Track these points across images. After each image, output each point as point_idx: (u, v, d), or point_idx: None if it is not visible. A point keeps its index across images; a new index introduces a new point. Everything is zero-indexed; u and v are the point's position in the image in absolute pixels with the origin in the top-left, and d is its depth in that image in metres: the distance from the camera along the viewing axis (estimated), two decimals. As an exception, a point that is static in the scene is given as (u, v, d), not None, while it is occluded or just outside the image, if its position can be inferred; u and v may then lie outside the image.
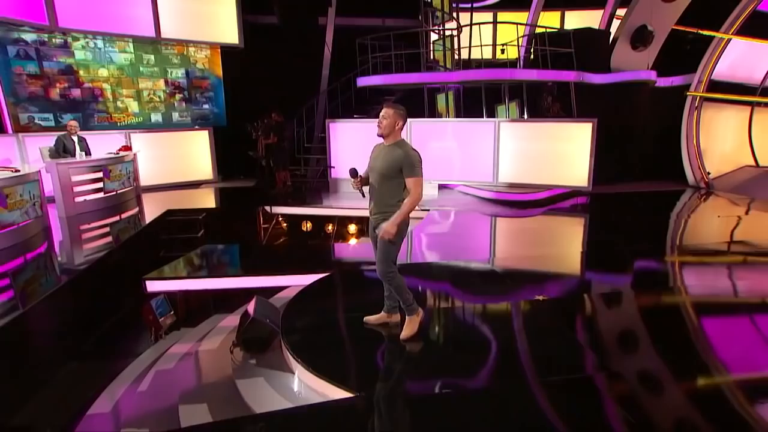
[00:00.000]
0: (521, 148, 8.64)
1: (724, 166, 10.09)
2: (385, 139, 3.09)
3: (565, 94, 9.52)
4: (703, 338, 3.38)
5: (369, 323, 3.44)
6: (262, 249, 7.47)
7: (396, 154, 3.00)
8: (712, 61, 9.94)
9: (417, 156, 3.03)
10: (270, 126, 9.21)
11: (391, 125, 3.03)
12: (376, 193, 3.12)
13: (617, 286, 4.54)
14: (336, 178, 9.74)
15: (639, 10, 9.95)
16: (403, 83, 10.18)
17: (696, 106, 10.14)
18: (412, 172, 2.99)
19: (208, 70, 11.00)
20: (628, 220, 7.51)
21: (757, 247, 5.65)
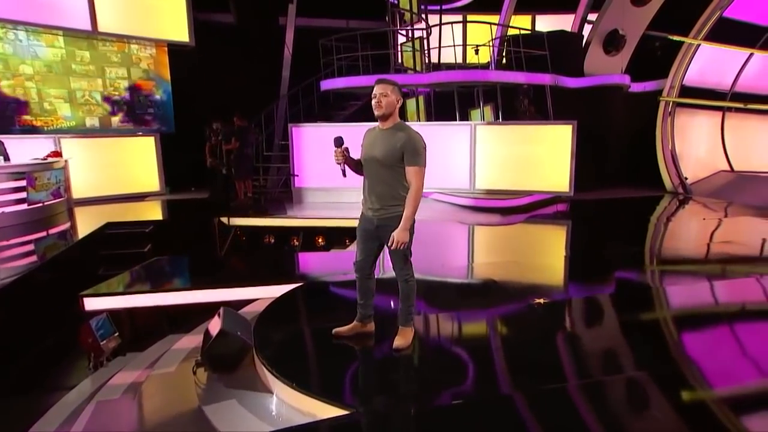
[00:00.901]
0: (499, 152, 8.77)
1: (700, 171, 10.63)
2: (384, 121, 2.94)
3: (541, 97, 9.80)
4: (694, 347, 3.39)
5: (341, 335, 3.29)
6: (222, 262, 7.13)
7: (397, 138, 2.85)
8: (683, 66, 10.54)
9: (422, 141, 2.88)
10: (232, 130, 8.92)
11: (392, 103, 2.89)
12: (376, 185, 2.95)
13: (612, 297, 4.55)
14: (300, 188, 9.53)
15: (610, 14, 10.48)
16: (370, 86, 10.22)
17: (669, 112, 10.68)
18: (414, 160, 2.82)
19: (154, 71, 10.61)
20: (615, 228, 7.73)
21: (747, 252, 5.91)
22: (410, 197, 2.84)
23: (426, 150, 2.90)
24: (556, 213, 8.96)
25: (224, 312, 3.56)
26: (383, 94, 2.88)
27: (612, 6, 10.37)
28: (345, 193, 9.27)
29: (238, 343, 3.30)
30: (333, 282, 4.86)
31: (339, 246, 7.84)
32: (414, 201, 2.84)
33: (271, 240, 8.62)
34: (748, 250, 5.96)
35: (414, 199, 2.84)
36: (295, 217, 8.31)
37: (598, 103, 10.45)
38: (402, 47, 11.35)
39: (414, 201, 2.84)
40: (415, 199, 2.84)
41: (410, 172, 2.84)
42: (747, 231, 7.08)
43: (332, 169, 3.09)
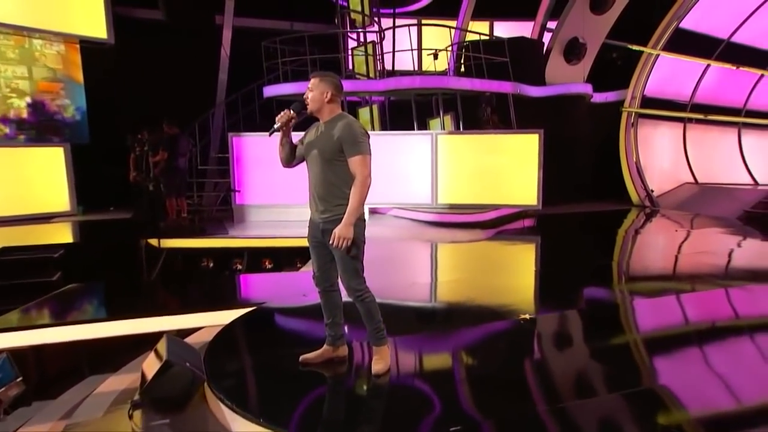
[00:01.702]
0: (463, 163, 8.94)
1: (666, 184, 11.32)
2: (319, 115, 2.97)
3: (503, 106, 10.14)
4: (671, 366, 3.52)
5: (309, 362, 3.18)
6: (152, 289, 6.75)
7: (334, 129, 2.87)
8: (643, 77, 11.28)
9: (360, 128, 2.89)
10: (159, 139, 8.49)
11: (317, 98, 2.91)
12: (319, 185, 2.92)
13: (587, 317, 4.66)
14: (242, 205, 9.27)
15: (570, 22, 11.11)
16: (320, 93, 10.24)
17: (632, 123, 11.36)
18: (354, 148, 2.81)
19: (63, 72, 10.04)
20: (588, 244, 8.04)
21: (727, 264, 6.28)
22: (355, 188, 2.82)
23: (369, 138, 2.89)
24: (523, 228, 9.23)
25: (168, 341, 3.31)
26: (309, 88, 2.93)
27: (572, 13, 11.00)
28: (293, 210, 9.03)
29: (187, 375, 3.07)
30: (293, 305, 4.71)
31: (289, 268, 7.64)
32: (359, 192, 2.80)
33: (210, 264, 8.28)
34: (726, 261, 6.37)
35: (359, 191, 2.80)
36: (238, 237, 8.05)
37: (561, 112, 10.94)
38: (353, 52, 11.45)
39: (359, 192, 2.80)
40: (361, 190, 2.80)
41: (353, 164, 2.82)
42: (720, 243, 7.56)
43: (279, 184, 3.00)
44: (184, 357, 3.20)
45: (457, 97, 9.80)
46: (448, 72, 11.07)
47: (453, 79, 9.74)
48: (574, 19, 11.01)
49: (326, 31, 11.79)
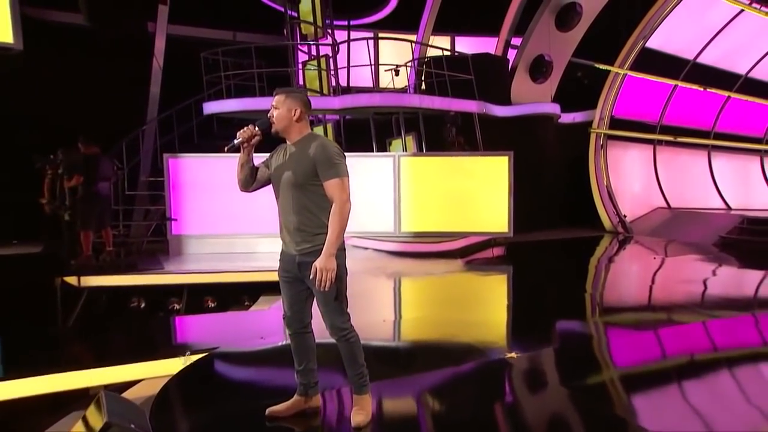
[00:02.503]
0: (428, 188, 9.01)
1: (638, 209, 11.86)
2: (286, 136, 2.95)
3: (469, 127, 10.37)
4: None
5: (277, 415, 3.08)
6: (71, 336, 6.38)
7: (306, 151, 2.86)
8: (611, 97, 11.88)
9: (335, 148, 2.89)
10: (74, 160, 7.96)
11: (284, 116, 2.91)
12: (292, 212, 2.89)
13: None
14: (179, 236, 8.97)
15: (536, 39, 11.59)
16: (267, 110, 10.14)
17: (601, 145, 11.88)
18: (331, 171, 2.81)
19: (-50, 79, 9.43)
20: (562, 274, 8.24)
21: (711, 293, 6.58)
22: (333, 215, 2.81)
23: (345, 158, 2.88)
24: (493, 258, 9.37)
25: (106, 398, 3.08)
26: (274, 106, 2.92)
27: (537, 30, 11.49)
28: (238, 241, 8.90)
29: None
30: (250, 349, 4.55)
31: (237, 307, 7.41)
32: (339, 219, 2.79)
33: (142, 304, 7.91)
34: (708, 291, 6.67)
35: (339, 217, 2.79)
36: (175, 273, 7.76)
37: (528, 134, 11.30)
38: (304, 66, 11.47)
39: (339, 219, 2.79)
40: (341, 216, 2.79)
41: (330, 187, 2.81)
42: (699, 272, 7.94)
43: (222, 212, 2.92)
44: (127, 416, 2.98)
45: (419, 117, 9.94)
46: (408, 89, 11.23)
47: (416, 97, 9.87)
48: (540, 36, 11.50)
49: (275, 43, 11.78)
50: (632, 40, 11.57)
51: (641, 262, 9.03)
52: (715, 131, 12.35)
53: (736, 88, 11.96)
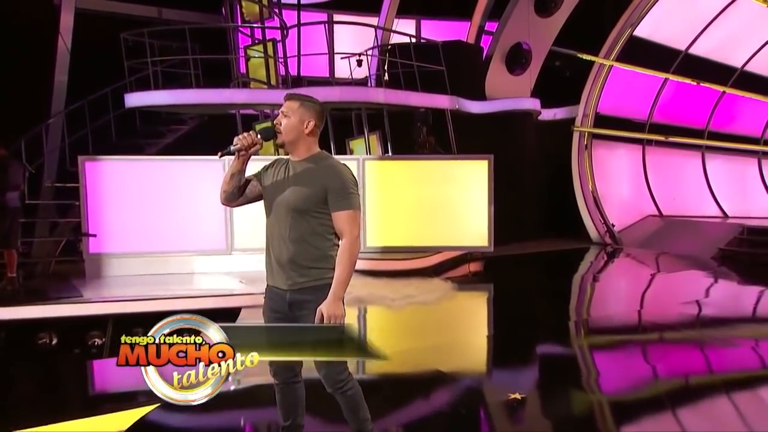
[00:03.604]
0: (397, 196, 8.96)
1: (626, 216, 12.18)
2: (292, 150, 2.90)
3: (440, 125, 10.41)
4: None
5: None
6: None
7: (315, 173, 2.83)
8: (596, 91, 12.17)
9: (350, 174, 2.88)
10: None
11: (295, 126, 2.85)
12: (287, 241, 2.84)
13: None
14: (98, 255, 8.60)
15: (513, 25, 11.77)
16: (204, 104, 9.89)
17: (585, 145, 12.15)
18: (343, 201, 2.81)
19: None
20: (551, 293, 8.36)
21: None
22: (343, 252, 2.80)
23: (357, 186, 2.89)
24: (471, 275, 9.44)
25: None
26: (284, 113, 2.87)
27: (514, 15, 11.66)
28: (172, 260, 8.63)
29: None
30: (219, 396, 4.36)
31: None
32: (349, 258, 2.80)
33: (52, 340, 7.56)
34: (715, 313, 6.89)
35: (349, 255, 2.80)
36: (96, 301, 7.40)
37: (506, 132, 11.42)
38: (247, 51, 11.25)
39: (349, 258, 2.80)
40: (351, 255, 2.80)
41: (339, 220, 2.81)
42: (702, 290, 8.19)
43: (153, 225, 2.78)
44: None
45: (384, 113, 9.90)
46: (369, 81, 11.17)
47: (381, 91, 9.82)
48: (517, 22, 11.68)
49: (212, 24, 11.53)
50: (619, 27, 11.92)
51: (634, 279, 9.25)
52: (709, 130, 12.82)
53: (732, 82, 12.44)
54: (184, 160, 8.83)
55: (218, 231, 8.62)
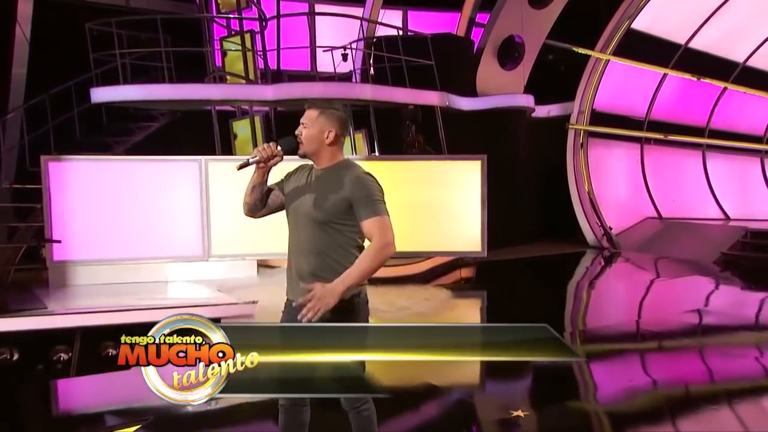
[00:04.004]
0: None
1: (624, 219, 12.29)
2: (315, 160, 2.96)
3: (430, 123, 10.41)
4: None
5: None
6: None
7: (339, 183, 2.85)
8: (591, 87, 12.25)
9: (375, 182, 2.90)
10: None
11: (315, 137, 2.90)
12: (308, 255, 2.89)
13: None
14: (62, 263, 8.50)
15: (505, 17, 11.81)
16: (177, 100, 9.79)
17: (581, 143, 12.23)
18: (370, 209, 2.79)
19: None
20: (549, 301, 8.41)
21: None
22: (369, 251, 2.76)
23: (383, 193, 2.87)
24: (463, 282, 9.47)
25: None
26: (304, 124, 2.92)
27: (507, 6, 11.70)
28: (143, 268, 8.54)
29: None
30: (200, 412, 4.41)
31: None
32: (373, 259, 2.74)
33: (13, 356, 7.46)
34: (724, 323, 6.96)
35: (374, 257, 2.74)
36: (62, 313, 7.31)
37: (498, 131, 11.46)
38: (222, 43, 11.18)
39: (373, 259, 2.74)
40: (376, 256, 2.74)
41: (370, 227, 2.78)
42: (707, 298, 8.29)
43: (122, 230, 2.75)
44: None
45: (370, 111, 9.89)
46: (353, 75, 11.15)
47: (368, 88, 9.80)
48: (510, 13, 11.73)
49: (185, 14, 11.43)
50: (616, 19, 12.00)
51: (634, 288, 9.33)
52: (710, 128, 12.97)
53: (734, 78, 12.59)
54: (156, 160, 8.74)
55: (194, 236, 8.53)
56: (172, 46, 10.15)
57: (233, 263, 9.01)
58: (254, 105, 10.43)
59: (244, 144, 10.84)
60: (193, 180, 8.52)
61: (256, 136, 10.62)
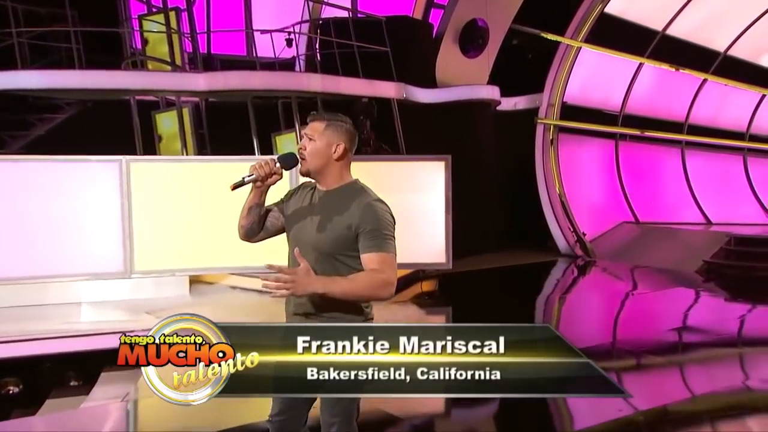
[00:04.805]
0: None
1: (598, 223, 12.56)
2: (319, 179, 2.95)
3: (385, 118, 10.43)
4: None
5: None
6: None
7: (346, 209, 2.86)
8: (562, 77, 12.48)
9: (387, 212, 2.86)
10: None
11: (321, 152, 2.89)
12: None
13: None
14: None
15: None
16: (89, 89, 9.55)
17: (551, 139, 12.45)
18: (376, 242, 2.78)
19: None
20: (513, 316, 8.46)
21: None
22: (368, 278, 2.73)
23: (395, 225, 2.86)
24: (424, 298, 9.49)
25: None
26: (309, 136, 2.90)
27: (469, -14, 11.81)
28: (52, 288, 8.29)
29: None
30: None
31: (60, 392, 6.97)
32: (366, 287, 2.74)
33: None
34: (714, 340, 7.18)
35: (369, 285, 2.73)
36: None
37: (460, 126, 11.56)
38: (141, 22, 10.91)
39: (366, 287, 2.74)
40: (371, 287, 2.74)
41: (371, 261, 2.76)
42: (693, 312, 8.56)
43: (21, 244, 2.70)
44: None
45: (318, 103, 9.84)
46: (296, 62, 11.04)
47: (317, 78, 9.74)
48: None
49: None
50: (588, 3, 12.27)
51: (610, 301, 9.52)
52: (689, 124, 13.38)
53: (714, 68, 13.04)
54: (68, 161, 8.41)
55: (114, 248, 8.23)
56: (81, 24, 9.87)
57: (162, 280, 8.80)
58: (182, 95, 10.23)
59: (170, 140, 10.62)
60: (112, 184, 8.27)
61: (184, 131, 10.41)
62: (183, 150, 10.39)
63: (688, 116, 13.39)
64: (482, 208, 12.00)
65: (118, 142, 9.38)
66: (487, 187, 12.28)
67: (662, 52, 12.76)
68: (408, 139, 10.50)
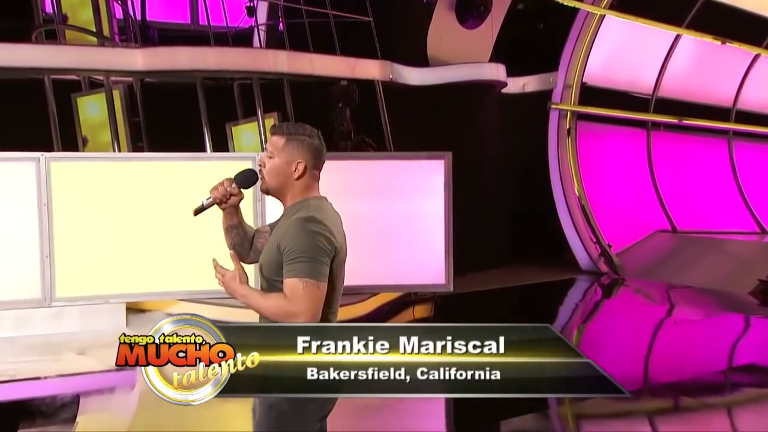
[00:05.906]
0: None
1: (626, 234, 12.48)
2: (280, 199, 3.20)
3: (369, 105, 10.38)
4: None
5: None
6: None
7: (281, 228, 3.12)
8: (581, 52, 12.40)
9: (316, 234, 3.00)
10: None
11: (280, 170, 3.12)
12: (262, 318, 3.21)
13: None
14: None
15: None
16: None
17: (568, 129, 12.38)
18: (292, 266, 2.97)
19: None
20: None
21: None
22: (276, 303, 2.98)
23: (331, 254, 3.01)
24: (416, 326, 9.43)
25: None
26: (269, 153, 3.15)
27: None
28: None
29: None
30: None
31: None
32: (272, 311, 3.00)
33: None
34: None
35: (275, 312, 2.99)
36: None
37: (459, 114, 11.52)
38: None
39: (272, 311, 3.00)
40: (275, 314, 2.99)
41: (284, 287, 2.97)
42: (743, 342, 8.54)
43: None
44: None
45: (285, 85, 9.81)
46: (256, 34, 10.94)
47: (283, 56, 9.70)
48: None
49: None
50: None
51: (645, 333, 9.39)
52: (737, 109, 13.34)
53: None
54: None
55: (29, 271, 8.20)
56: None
57: (89, 309, 8.71)
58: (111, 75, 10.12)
59: (96, 130, 10.48)
60: (27, 188, 8.20)
61: (116, 119, 10.30)
62: (114, 143, 10.26)
63: (736, 100, 13.38)
64: (483, 215, 11.95)
65: (28, 133, 9.45)
66: (490, 189, 12.19)
67: (705, 20, 12.70)
68: (396, 130, 10.44)
